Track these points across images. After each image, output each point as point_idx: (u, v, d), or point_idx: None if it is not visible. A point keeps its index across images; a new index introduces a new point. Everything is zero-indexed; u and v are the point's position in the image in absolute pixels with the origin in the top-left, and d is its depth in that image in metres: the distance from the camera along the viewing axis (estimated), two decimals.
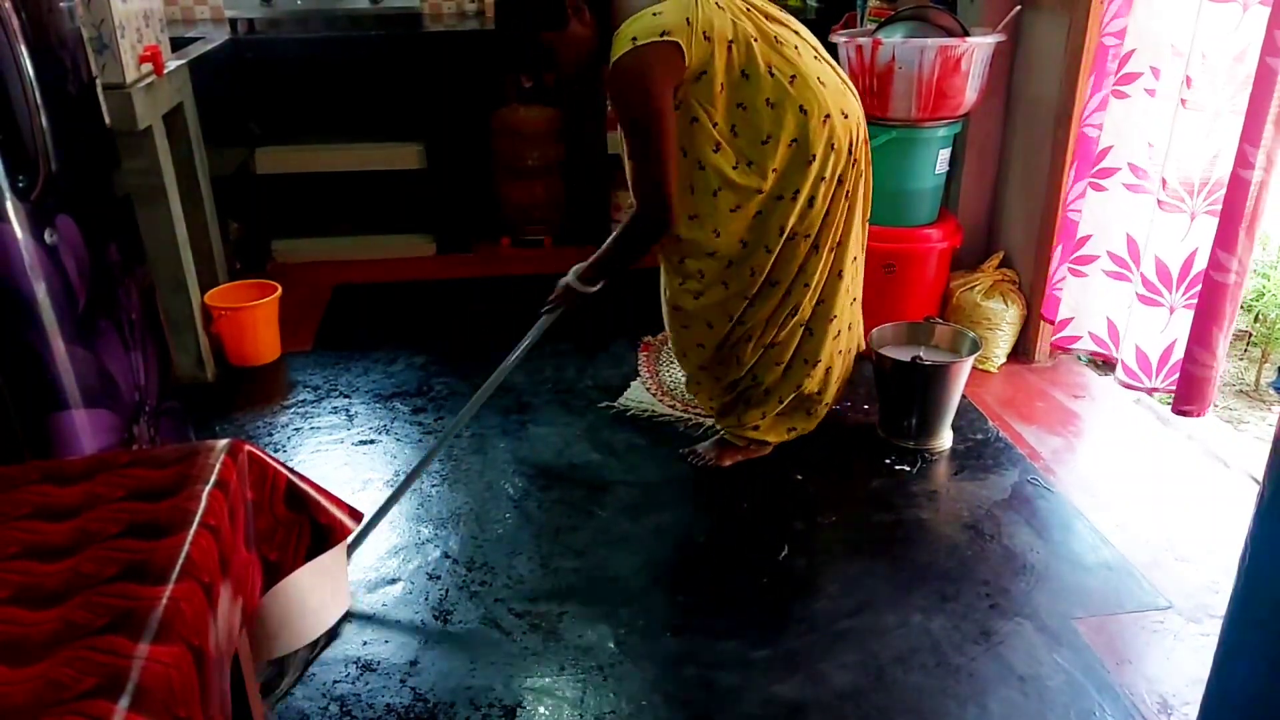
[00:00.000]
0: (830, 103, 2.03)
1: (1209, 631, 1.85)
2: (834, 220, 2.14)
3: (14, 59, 1.49)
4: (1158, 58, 2.32)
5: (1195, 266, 2.27)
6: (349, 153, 3.77)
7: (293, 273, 3.65)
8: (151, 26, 2.61)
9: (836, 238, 2.17)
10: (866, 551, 2.10)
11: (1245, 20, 2.06)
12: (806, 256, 2.14)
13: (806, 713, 1.68)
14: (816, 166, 2.04)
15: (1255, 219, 2.04)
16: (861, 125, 2.15)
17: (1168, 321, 2.36)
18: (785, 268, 2.14)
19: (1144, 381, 2.45)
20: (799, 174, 2.04)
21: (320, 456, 2.49)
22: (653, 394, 2.72)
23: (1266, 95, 1.93)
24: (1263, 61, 1.93)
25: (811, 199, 2.07)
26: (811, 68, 2.04)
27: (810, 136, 2.02)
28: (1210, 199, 2.22)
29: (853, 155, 2.11)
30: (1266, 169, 1.99)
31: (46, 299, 1.56)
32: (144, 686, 0.81)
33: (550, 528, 2.19)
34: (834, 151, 2.06)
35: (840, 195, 2.12)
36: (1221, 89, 2.13)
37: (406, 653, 1.83)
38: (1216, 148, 2.18)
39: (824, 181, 2.07)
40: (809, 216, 2.09)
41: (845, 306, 2.29)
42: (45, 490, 1.09)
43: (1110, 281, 2.58)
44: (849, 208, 2.17)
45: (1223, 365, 2.21)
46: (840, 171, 2.09)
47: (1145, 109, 2.38)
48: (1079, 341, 2.69)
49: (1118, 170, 2.48)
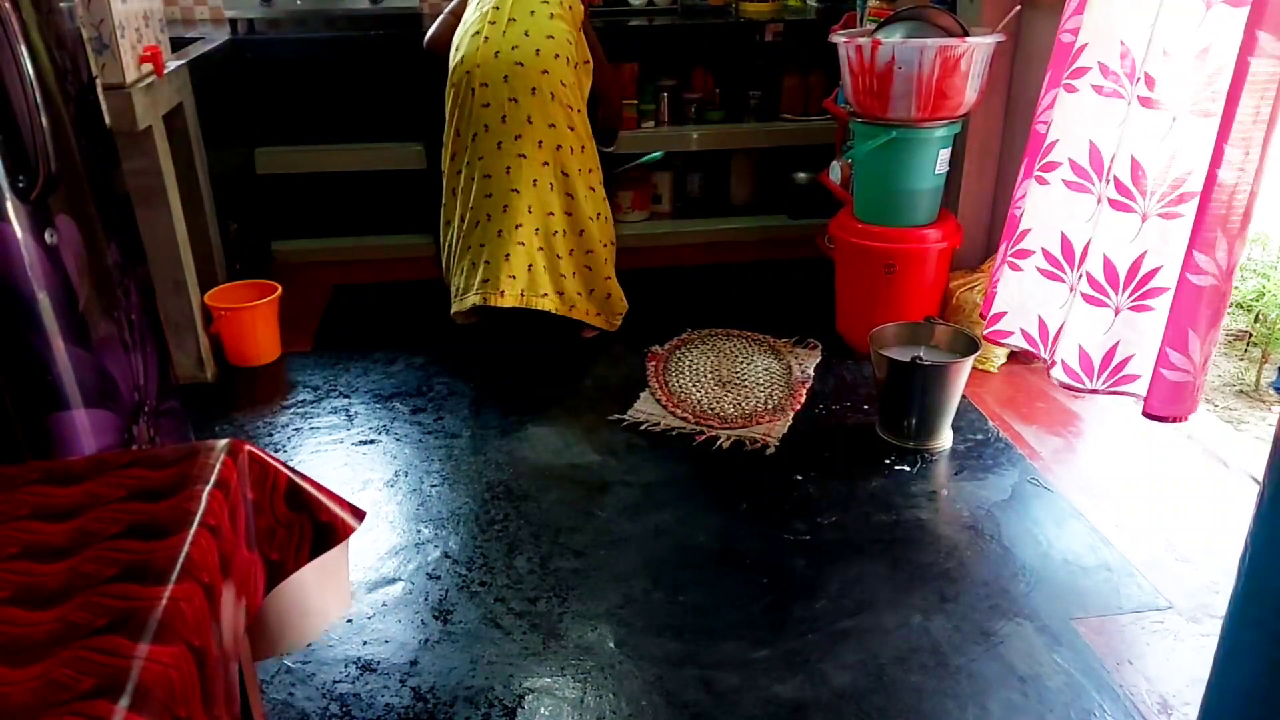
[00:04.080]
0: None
1: (1209, 631, 1.85)
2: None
3: (14, 59, 1.48)
4: (1107, 54, 2.27)
5: (1143, 268, 2.24)
6: (349, 153, 3.77)
7: (293, 273, 3.65)
8: (151, 26, 2.62)
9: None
10: (866, 552, 2.10)
11: (1209, 17, 2.02)
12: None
13: (806, 713, 1.68)
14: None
15: (1235, 219, 1.99)
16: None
17: (1111, 322, 2.32)
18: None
19: (1085, 382, 2.41)
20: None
21: (320, 456, 2.49)
22: (662, 404, 2.71)
23: (1245, 93, 1.89)
24: (1240, 59, 1.89)
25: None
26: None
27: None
28: (1164, 201, 2.18)
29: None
30: (1244, 169, 1.94)
31: (46, 299, 1.56)
32: (144, 687, 0.81)
33: (550, 528, 2.19)
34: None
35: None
36: (1183, 88, 2.09)
37: (406, 653, 1.83)
38: (1174, 148, 2.13)
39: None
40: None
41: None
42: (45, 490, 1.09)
43: (1043, 280, 2.53)
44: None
45: (1208, 369, 2.17)
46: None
47: (1092, 105, 2.32)
48: (1010, 338, 2.64)
49: (1059, 165, 2.43)
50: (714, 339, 3.11)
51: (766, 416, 2.64)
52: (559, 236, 2.91)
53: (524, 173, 2.84)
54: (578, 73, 2.95)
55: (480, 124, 2.86)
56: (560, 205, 2.90)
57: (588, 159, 2.97)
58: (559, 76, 2.85)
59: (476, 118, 2.87)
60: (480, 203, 2.89)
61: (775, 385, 2.82)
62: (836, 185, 3.24)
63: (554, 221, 2.90)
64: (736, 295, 3.50)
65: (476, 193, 2.90)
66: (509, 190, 2.85)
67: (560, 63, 2.86)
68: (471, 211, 2.92)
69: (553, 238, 2.91)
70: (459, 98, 2.93)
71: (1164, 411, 2.18)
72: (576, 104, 2.92)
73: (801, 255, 3.72)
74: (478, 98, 2.86)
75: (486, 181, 2.88)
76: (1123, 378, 2.36)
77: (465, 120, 2.91)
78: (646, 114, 3.89)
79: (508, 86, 2.82)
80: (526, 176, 2.84)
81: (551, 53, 2.84)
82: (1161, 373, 2.15)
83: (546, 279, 2.91)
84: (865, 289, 2.94)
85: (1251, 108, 1.90)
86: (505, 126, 2.83)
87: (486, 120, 2.85)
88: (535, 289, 2.89)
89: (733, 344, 3.08)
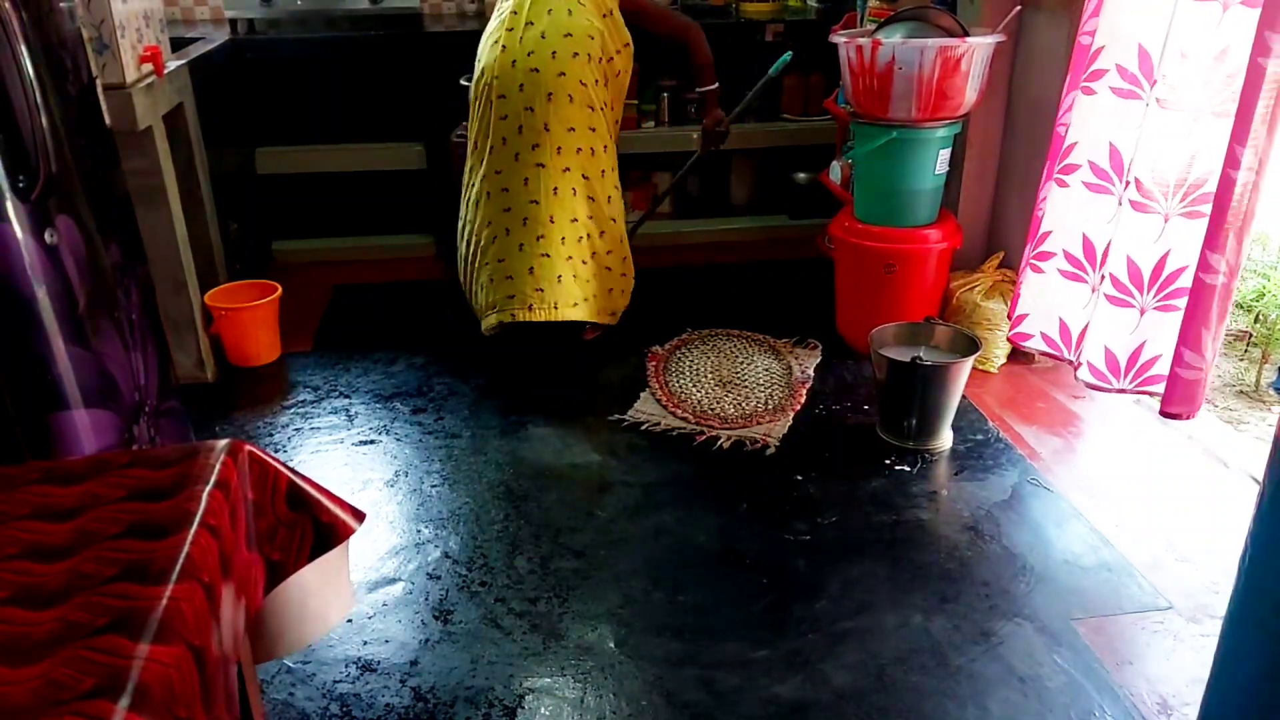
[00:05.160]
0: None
1: (1209, 631, 1.85)
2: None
3: (14, 59, 1.48)
4: (1124, 55, 2.27)
5: (1167, 268, 2.24)
6: (349, 153, 3.77)
7: (293, 273, 3.65)
8: (151, 27, 2.62)
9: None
10: (867, 552, 2.10)
11: (1226, 19, 2.02)
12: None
13: (806, 713, 1.68)
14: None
15: (1245, 219, 2.00)
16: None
17: (1138, 323, 2.32)
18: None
19: (1112, 383, 2.41)
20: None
21: (320, 457, 2.49)
22: (662, 404, 2.71)
23: (1257, 95, 1.90)
24: (1253, 61, 1.90)
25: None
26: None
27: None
28: (1186, 201, 2.18)
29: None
30: (1256, 170, 1.95)
31: (46, 299, 1.56)
32: (144, 687, 0.81)
33: (550, 528, 2.19)
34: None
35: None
36: (1201, 89, 2.10)
37: (406, 653, 1.83)
38: (1194, 148, 2.14)
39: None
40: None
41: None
42: (45, 490, 1.09)
43: (1065, 281, 2.53)
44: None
45: (1213, 367, 2.18)
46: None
47: (1111, 107, 2.32)
48: (1030, 340, 2.65)
49: (1079, 167, 2.43)
50: (714, 339, 3.11)
51: (766, 417, 2.64)
52: (584, 242, 2.88)
53: (543, 183, 2.80)
54: (605, 66, 2.87)
55: (498, 137, 2.83)
56: (584, 210, 2.86)
57: (610, 158, 2.92)
58: (577, 76, 2.78)
59: (495, 130, 2.83)
60: (499, 217, 2.85)
61: (775, 385, 2.82)
62: (836, 185, 3.24)
63: (578, 227, 2.86)
64: (736, 295, 3.50)
65: (495, 207, 2.85)
66: (528, 202, 2.81)
67: (579, 62, 2.79)
68: (490, 227, 2.88)
69: (578, 244, 2.87)
70: (480, 110, 2.89)
71: (1178, 409, 2.20)
72: (599, 101, 2.85)
73: (801, 255, 3.72)
74: (495, 110, 2.82)
75: (504, 195, 2.84)
76: (1149, 378, 2.37)
77: (484, 133, 2.87)
78: (647, 114, 3.90)
79: (523, 95, 2.77)
80: (546, 186, 2.80)
81: (569, 52, 2.78)
82: (1177, 371, 2.17)
83: (576, 287, 2.87)
84: (865, 289, 2.94)
85: (1265, 109, 1.91)
86: (522, 137, 2.79)
87: (504, 133, 2.81)
88: (567, 299, 2.85)
89: (733, 344, 3.08)
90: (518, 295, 2.84)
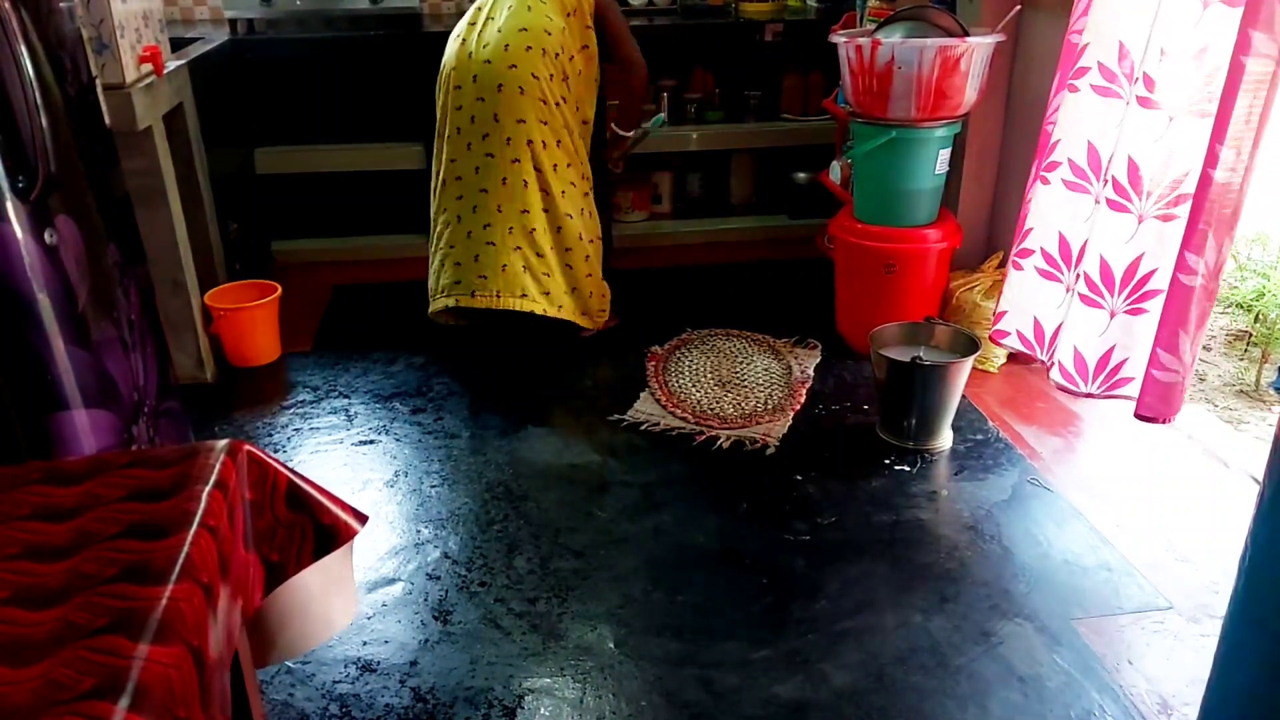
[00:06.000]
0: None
1: (1209, 631, 1.85)
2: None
3: (14, 59, 1.48)
4: (1106, 53, 2.26)
5: (1140, 271, 2.23)
6: (349, 153, 3.77)
7: (293, 273, 3.65)
8: (151, 27, 2.62)
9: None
10: (866, 552, 2.10)
11: (1205, 18, 2.02)
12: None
13: (806, 713, 1.68)
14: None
15: (1227, 220, 1.98)
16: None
17: (1107, 325, 2.32)
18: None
19: (1080, 386, 2.41)
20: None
21: (320, 457, 2.49)
22: (662, 404, 2.71)
23: (1237, 92, 1.89)
24: (1235, 59, 1.89)
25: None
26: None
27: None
28: (1162, 202, 2.18)
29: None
30: (1237, 169, 1.94)
31: (46, 299, 1.56)
32: (144, 687, 0.81)
33: (550, 528, 2.19)
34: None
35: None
36: (1180, 88, 2.09)
37: (406, 653, 1.83)
38: (1172, 147, 2.13)
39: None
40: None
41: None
42: (45, 490, 1.09)
43: (1041, 280, 2.53)
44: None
45: (1191, 371, 2.16)
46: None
47: (1092, 105, 2.32)
48: (1007, 338, 2.64)
49: (1059, 165, 2.42)
50: (714, 339, 3.11)
51: (766, 416, 2.64)
52: (537, 234, 2.88)
53: (492, 172, 2.84)
54: (562, 62, 2.87)
55: (454, 127, 2.88)
56: (537, 202, 2.87)
57: (567, 154, 2.92)
58: (529, 69, 2.79)
59: (451, 120, 2.88)
60: (452, 204, 2.91)
61: (775, 385, 2.82)
62: (836, 185, 3.24)
63: (529, 219, 2.87)
64: (736, 295, 3.50)
65: (450, 195, 2.91)
66: (478, 190, 2.86)
67: (533, 55, 2.80)
68: (445, 214, 2.94)
69: (530, 236, 2.87)
70: (441, 101, 2.95)
71: (1153, 413, 2.18)
72: (554, 96, 2.85)
73: (801, 255, 3.72)
74: (451, 101, 2.88)
75: (458, 184, 2.89)
76: (1118, 381, 2.36)
77: (443, 124, 2.93)
78: (646, 114, 3.89)
79: (476, 86, 2.82)
80: (495, 176, 2.84)
81: (522, 45, 2.79)
82: (1152, 374, 2.16)
83: (527, 279, 2.88)
84: (865, 289, 2.94)
85: (1245, 108, 1.90)
86: (473, 127, 2.84)
87: (459, 123, 2.86)
88: (511, 289, 2.87)
89: (732, 344, 3.08)
90: (463, 281, 2.89)
